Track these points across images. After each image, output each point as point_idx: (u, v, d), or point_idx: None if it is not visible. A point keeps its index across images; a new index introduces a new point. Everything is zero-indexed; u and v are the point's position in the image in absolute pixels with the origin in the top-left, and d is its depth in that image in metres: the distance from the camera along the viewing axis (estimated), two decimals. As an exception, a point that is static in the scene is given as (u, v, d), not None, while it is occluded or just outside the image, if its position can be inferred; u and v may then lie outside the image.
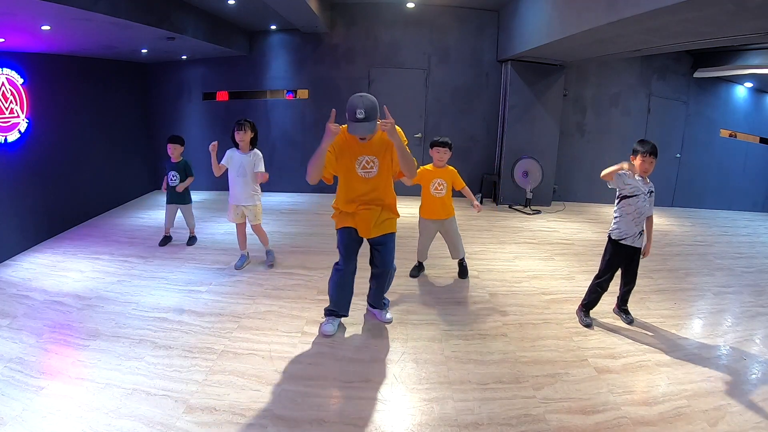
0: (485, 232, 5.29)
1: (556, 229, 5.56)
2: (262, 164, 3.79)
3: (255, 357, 2.64)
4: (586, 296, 3.14)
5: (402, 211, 2.93)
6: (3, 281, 3.71)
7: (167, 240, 4.67)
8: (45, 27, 3.58)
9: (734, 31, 3.51)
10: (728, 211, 7.27)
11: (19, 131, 4.45)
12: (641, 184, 2.92)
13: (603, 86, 6.86)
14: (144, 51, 5.74)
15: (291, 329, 2.96)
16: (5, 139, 4.28)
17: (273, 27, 6.60)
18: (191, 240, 4.68)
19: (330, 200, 2.97)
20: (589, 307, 3.14)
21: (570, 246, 4.90)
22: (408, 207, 2.89)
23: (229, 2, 4.94)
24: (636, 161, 2.91)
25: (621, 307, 3.21)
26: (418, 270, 3.92)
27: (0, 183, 4.22)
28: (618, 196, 3.00)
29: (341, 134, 2.54)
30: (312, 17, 5.53)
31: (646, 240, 3.09)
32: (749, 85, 7.15)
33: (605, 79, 6.83)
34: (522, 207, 6.52)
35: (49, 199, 4.86)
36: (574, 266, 4.27)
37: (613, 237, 3.01)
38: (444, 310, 3.28)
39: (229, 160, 3.76)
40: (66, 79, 5.21)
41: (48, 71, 4.89)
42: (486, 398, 2.31)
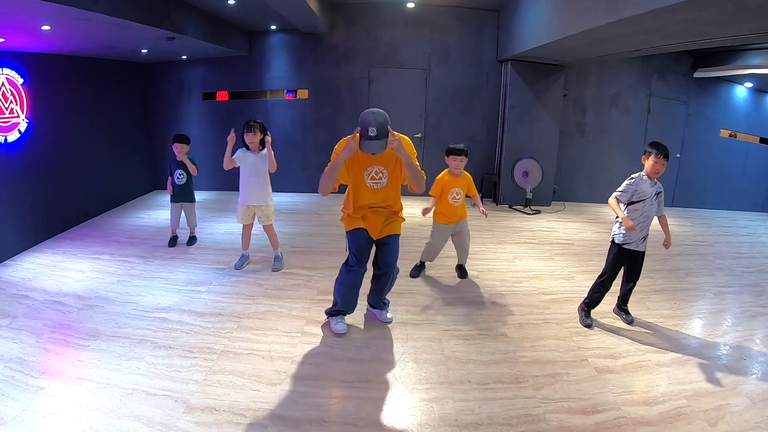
0: (485, 232, 5.29)
1: (556, 229, 5.56)
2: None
3: (255, 357, 2.64)
4: (589, 295, 3.14)
5: (403, 211, 2.93)
6: (3, 281, 3.71)
7: (175, 240, 4.64)
8: (45, 27, 3.58)
9: (734, 31, 3.51)
10: (728, 211, 7.27)
11: (19, 131, 4.45)
12: (649, 187, 2.91)
13: (603, 86, 6.86)
14: (144, 51, 5.74)
15: (291, 329, 2.96)
16: (5, 139, 4.28)
17: (273, 27, 6.60)
18: (191, 240, 4.68)
19: (330, 201, 2.97)
20: (591, 307, 3.14)
21: (570, 246, 4.90)
22: (408, 207, 2.88)
23: (229, 2, 4.94)
24: (648, 162, 2.90)
25: (621, 307, 3.21)
26: (419, 270, 3.92)
27: (0, 183, 4.22)
28: (623, 201, 2.98)
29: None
30: (312, 17, 5.53)
31: (665, 234, 3.09)
32: (749, 85, 7.15)
33: (605, 79, 6.83)
34: (522, 207, 6.52)
35: (49, 199, 4.86)
36: (574, 266, 4.27)
37: (617, 241, 3.01)
38: (444, 310, 3.28)
39: (242, 160, 3.76)
40: (66, 79, 5.21)
41: (48, 71, 4.89)
42: (486, 398, 2.31)
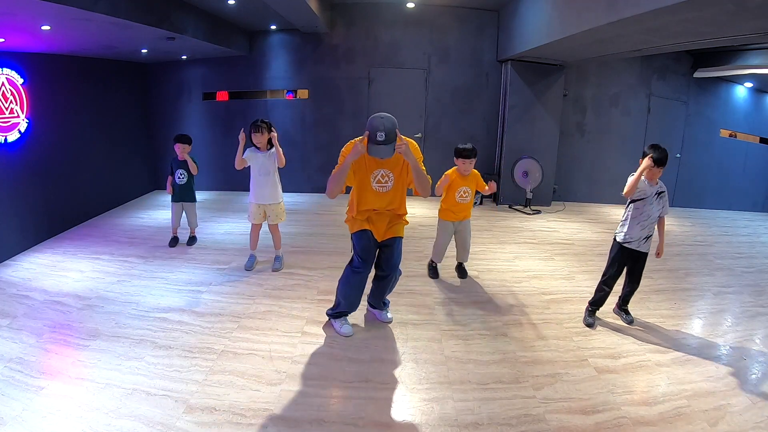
0: (485, 232, 5.29)
1: (556, 229, 5.56)
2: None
3: (255, 357, 2.64)
4: (594, 294, 3.15)
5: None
6: (3, 281, 3.71)
7: (176, 240, 4.65)
8: (45, 27, 3.57)
9: (734, 31, 3.51)
10: (728, 211, 7.27)
11: (19, 131, 4.45)
12: (648, 187, 2.90)
13: (603, 86, 6.86)
14: (144, 51, 5.74)
15: (291, 329, 2.96)
16: (5, 139, 4.28)
17: (273, 27, 6.60)
18: (191, 240, 4.68)
19: (330, 201, 2.96)
20: (596, 306, 3.14)
21: (570, 246, 4.90)
22: (409, 207, 2.87)
23: (229, 2, 4.94)
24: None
25: (621, 307, 3.21)
26: (434, 270, 3.89)
27: (0, 183, 4.22)
28: (628, 200, 2.98)
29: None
30: (312, 17, 5.53)
31: (659, 240, 3.07)
32: (749, 85, 7.15)
33: (605, 79, 6.83)
34: (522, 207, 6.52)
35: (49, 199, 4.86)
36: (574, 266, 4.27)
37: (618, 239, 3.01)
38: (444, 310, 3.28)
39: (252, 160, 3.75)
40: (66, 79, 5.21)
41: (48, 71, 4.89)
42: (486, 398, 2.31)
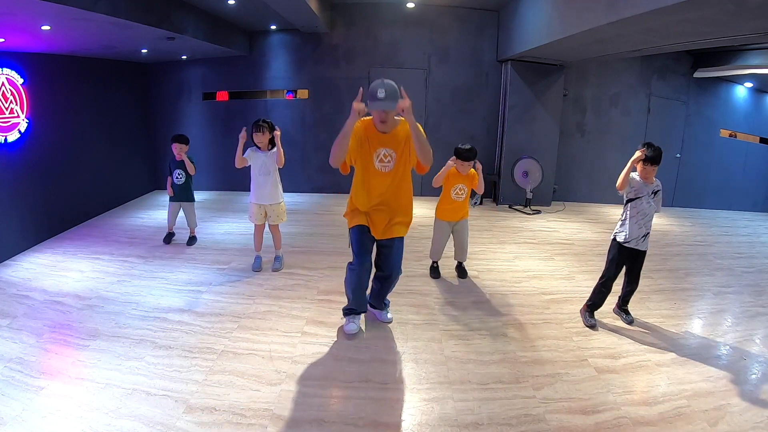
0: (485, 232, 5.29)
1: (556, 229, 5.56)
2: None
3: (255, 357, 2.64)
4: (591, 296, 3.13)
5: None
6: (3, 281, 3.71)
7: (171, 237, 4.68)
8: (45, 27, 3.57)
9: (734, 31, 3.51)
10: (728, 211, 7.27)
11: (19, 131, 4.45)
12: (644, 186, 2.91)
13: (603, 86, 6.86)
14: (144, 51, 5.74)
15: (291, 329, 2.96)
16: (5, 139, 4.28)
17: (273, 27, 6.60)
18: (191, 240, 4.68)
19: (330, 201, 2.96)
20: (594, 308, 3.13)
21: (570, 246, 4.90)
22: (416, 208, 2.86)
23: (229, 2, 4.94)
24: (638, 165, 2.90)
25: (621, 307, 3.21)
26: (435, 270, 3.90)
27: (0, 183, 4.22)
28: (625, 200, 2.99)
29: (362, 126, 2.54)
30: (312, 17, 5.53)
31: None
32: (749, 85, 7.15)
33: (605, 79, 6.83)
34: (522, 207, 6.52)
35: (49, 199, 4.86)
36: (574, 266, 4.27)
37: (618, 239, 3.00)
38: (444, 310, 3.28)
39: (252, 159, 3.74)
40: (66, 79, 5.21)
41: (48, 71, 4.89)
42: (486, 398, 2.31)
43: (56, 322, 3.02)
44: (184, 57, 6.65)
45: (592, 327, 3.05)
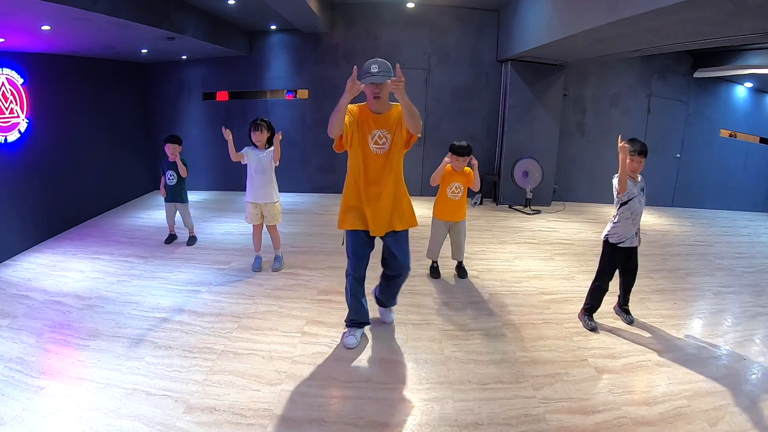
0: (485, 232, 5.30)
1: (556, 229, 5.56)
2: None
3: (255, 357, 2.64)
4: (588, 300, 3.11)
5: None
6: (3, 281, 3.71)
7: (173, 238, 4.69)
8: (45, 27, 3.57)
9: (734, 31, 3.51)
10: (728, 211, 7.27)
11: (19, 131, 4.45)
12: (632, 185, 2.90)
13: (603, 86, 6.86)
14: (144, 51, 5.74)
15: (291, 329, 2.96)
16: (5, 139, 4.28)
17: (273, 27, 6.60)
18: (191, 240, 4.68)
19: (330, 201, 2.96)
20: (592, 311, 3.11)
21: (570, 246, 4.90)
22: (416, 208, 2.85)
23: (229, 2, 4.94)
24: (627, 160, 2.90)
25: (622, 307, 3.20)
26: (435, 270, 3.90)
27: (0, 183, 4.22)
28: (618, 202, 2.97)
29: (357, 109, 2.55)
30: (312, 17, 5.53)
31: None
32: (749, 85, 7.15)
33: (605, 79, 6.83)
34: (522, 207, 6.52)
35: (49, 199, 4.86)
36: (574, 266, 4.27)
37: (612, 241, 3.00)
38: (444, 310, 3.28)
39: (249, 157, 3.75)
40: (66, 79, 5.21)
41: (48, 71, 4.89)
42: (486, 398, 2.31)
43: (56, 322, 3.02)
44: (184, 57, 6.65)
45: (594, 330, 3.02)
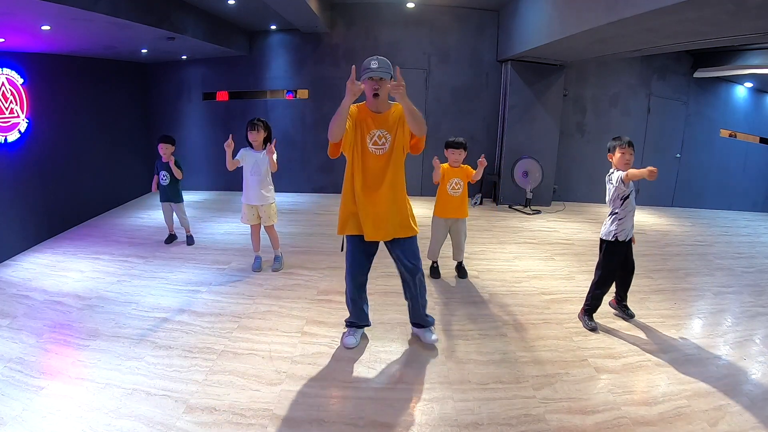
0: (485, 232, 5.29)
1: (556, 229, 5.56)
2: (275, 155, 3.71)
3: (255, 357, 2.63)
4: (588, 301, 3.09)
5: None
6: (3, 281, 3.71)
7: (173, 238, 4.69)
8: (45, 27, 3.58)
9: (734, 31, 3.51)
10: (728, 211, 7.27)
11: (19, 131, 4.45)
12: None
13: (603, 86, 6.86)
14: (144, 51, 5.75)
15: (291, 329, 2.96)
16: (5, 139, 4.28)
17: (273, 27, 6.60)
18: (189, 240, 4.68)
19: (330, 201, 2.96)
20: (592, 311, 3.10)
21: (570, 246, 4.90)
22: (416, 208, 2.84)
23: (229, 2, 4.94)
24: (615, 157, 2.91)
25: (621, 303, 3.20)
26: (435, 270, 3.88)
27: (0, 183, 4.22)
28: (620, 198, 2.98)
29: (356, 109, 2.51)
30: (312, 17, 5.53)
31: None
32: (749, 85, 7.15)
33: (605, 79, 6.83)
34: (522, 207, 6.52)
35: (49, 199, 4.86)
36: (574, 266, 4.27)
37: (620, 238, 2.98)
38: (444, 310, 3.28)
39: (245, 158, 3.74)
40: (66, 79, 5.22)
41: (48, 71, 4.89)
42: (486, 398, 2.31)
43: (56, 322, 3.02)
44: (184, 57, 6.65)
45: (594, 330, 3.02)
